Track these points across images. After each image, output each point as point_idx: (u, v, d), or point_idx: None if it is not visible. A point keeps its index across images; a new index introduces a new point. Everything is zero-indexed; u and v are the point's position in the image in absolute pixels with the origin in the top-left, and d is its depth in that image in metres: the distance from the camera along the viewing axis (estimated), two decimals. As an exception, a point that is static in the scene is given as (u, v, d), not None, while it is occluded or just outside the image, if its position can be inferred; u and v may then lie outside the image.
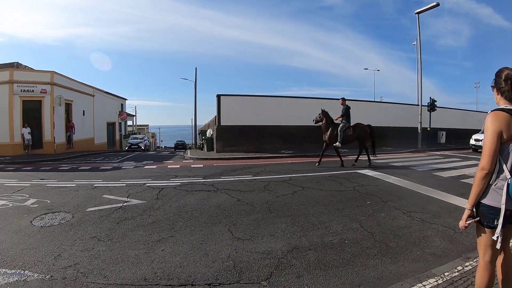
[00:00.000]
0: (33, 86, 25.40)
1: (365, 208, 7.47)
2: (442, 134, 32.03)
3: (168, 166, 16.12)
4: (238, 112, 23.02)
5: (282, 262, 4.58)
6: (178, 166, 16.28)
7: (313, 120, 15.29)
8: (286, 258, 4.72)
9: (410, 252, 5.06)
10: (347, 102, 15.03)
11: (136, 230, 6.08)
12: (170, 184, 10.48)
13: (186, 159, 20.64)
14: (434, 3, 23.13)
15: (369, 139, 15.11)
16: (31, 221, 6.79)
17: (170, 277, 4.17)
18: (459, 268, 4.23)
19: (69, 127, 29.30)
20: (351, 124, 14.89)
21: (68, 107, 29.53)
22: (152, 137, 79.77)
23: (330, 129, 14.82)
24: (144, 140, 42.17)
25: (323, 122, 15.05)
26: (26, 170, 15.59)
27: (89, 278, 4.20)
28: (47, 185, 10.85)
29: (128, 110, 58.50)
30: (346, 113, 14.80)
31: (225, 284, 3.99)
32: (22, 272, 4.45)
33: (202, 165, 16.01)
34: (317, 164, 14.72)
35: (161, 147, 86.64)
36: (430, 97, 28.01)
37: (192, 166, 16.01)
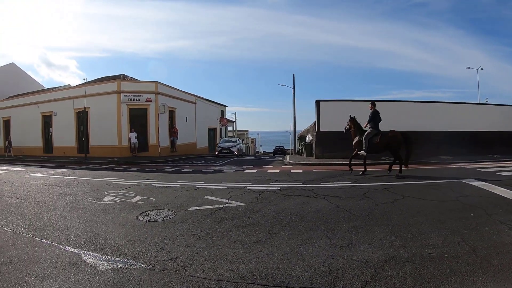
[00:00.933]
0: (139, 95, 27.50)
1: (468, 221, 7.12)
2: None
3: (268, 171, 16.40)
4: (337, 117, 22.59)
5: (378, 272, 4.50)
6: (278, 171, 16.49)
7: (344, 129, 14.93)
8: (383, 268, 4.63)
9: (514, 271, 4.79)
10: (447, 105, 14.39)
11: (235, 230, 6.28)
12: (270, 188, 10.64)
13: (285, 164, 20.77)
14: None
15: (402, 148, 13.83)
16: (136, 216, 7.33)
17: (266, 277, 4.26)
18: None
19: (173, 132, 30.91)
20: (382, 131, 14.08)
21: (171, 113, 31.27)
22: (252, 142, 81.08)
23: (356, 136, 14.39)
24: (238, 144, 34.84)
25: (352, 129, 14.75)
26: (132, 171, 16.62)
27: (188, 271, 4.44)
28: (152, 184, 11.51)
29: (228, 116, 60.03)
30: (371, 119, 14.06)
31: (319, 288, 4.02)
32: (126, 260, 4.87)
33: (301, 171, 16.07)
34: (350, 172, 14.31)
35: (260, 152, 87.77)
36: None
37: (291, 171, 16.13)
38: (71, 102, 29.60)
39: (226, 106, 55.98)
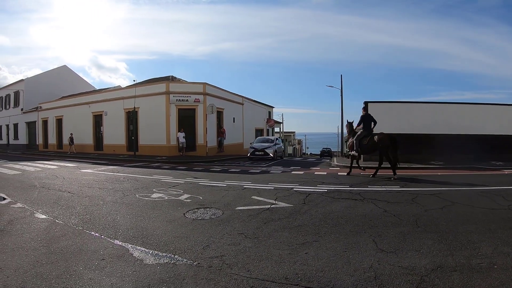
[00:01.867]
0: (187, 96, 28.04)
1: (520, 231, 6.95)
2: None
3: (315, 173, 16.37)
4: (386, 119, 22.32)
5: (425, 280, 4.43)
6: (325, 173, 16.43)
7: (345, 137, 16.33)
8: (429, 276, 4.55)
9: None
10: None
11: (281, 231, 6.32)
12: (317, 190, 10.63)
13: (333, 167, 20.71)
14: None
15: (391, 150, 14.10)
16: (184, 214, 7.51)
17: (311, 279, 4.27)
18: None
19: (220, 132, 31.28)
20: (372, 133, 14.92)
21: (219, 114, 31.68)
22: (298, 143, 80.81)
23: (350, 138, 15.38)
24: (276, 144, 28.60)
25: (347, 133, 15.87)
26: (180, 169, 16.95)
27: (233, 269, 4.51)
28: (200, 183, 11.71)
29: (275, 117, 60.05)
30: (361, 121, 15.04)
31: (364, 294, 4.00)
32: (173, 256, 5.01)
33: (346, 174, 15.97)
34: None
35: (307, 154, 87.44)
36: None
37: (338, 173, 16.01)
38: (121, 102, 30.61)
39: (273, 107, 56.17)
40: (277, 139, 31.57)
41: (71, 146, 32.11)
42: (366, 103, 22.26)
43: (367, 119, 15.16)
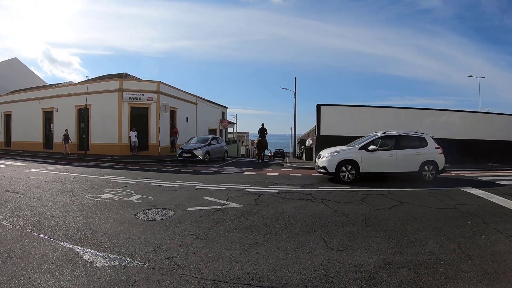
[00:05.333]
0: (140, 94, 27.59)
1: (464, 229, 7.16)
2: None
3: (267, 174, 16.39)
4: (338, 122, 22.88)
5: (374, 276, 4.54)
6: (277, 174, 16.48)
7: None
8: (378, 273, 4.66)
9: (509, 280, 4.78)
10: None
11: (233, 231, 6.33)
12: (268, 190, 10.70)
13: (285, 168, 20.78)
14: None
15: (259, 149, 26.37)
16: (135, 215, 7.41)
17: (262, 279, 4.30)
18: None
19: (173, 132, 30.90)
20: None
21: (172, 114, 31.27)
22: (252, 144, 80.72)
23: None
24: (210, 145, 24.65)
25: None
26: (132, 169, 16.69)
27: (184, 270, 4.49)
28: (151, 184, 11.56)
29: (229, 118, 59.97)
30: (258, 132, 26.26)
31: (315, 292, 4.04)
32: (123, 258, 4.94)
33: (300, 174, 16.10)
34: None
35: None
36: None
37: (290, 174, 16.17)
38: (73, 99, 29.57)
39: (227, 108, 55.99)
40: (214, 138, 27.03)
41: (65, 145, 27.95)
42: (318, 106, 22.65)
43: (261, 130, 25.81)
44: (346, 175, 13.10)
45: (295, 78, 38.86)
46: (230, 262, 4.83)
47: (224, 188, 10.91)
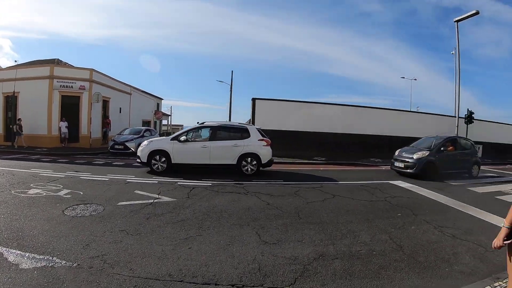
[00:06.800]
0: (72, 82, 26.11)
1: (395, 220, 7.36)
2: (479, 148, 31.41)
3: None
4: (273, 116, 23.07)
5: (308, 269, 4.55)
6: (210, 166, 16.28)
7: None
8: (312, 265, 4.68)
9: (438, 268, 4.97)
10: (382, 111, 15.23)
11: (164, 226, 6.14)
12: (201, 184, 10.52)
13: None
14: (474, 11, 22.56)
15: None
16: (63, 211, 7.02)
17: (195, 275, 4.19)
18: (487, 288, 4.14)
19: (106, 123, 29.83)
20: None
21: (105, 104, 30.12)
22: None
23: None
24: (143, 137, 23.14)
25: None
26: (61, 162, 16.00)
27: (115, 269, 4.28)
28: (81, 177, 11.11)
29: (164, 109, 59.12)
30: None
31: (249, 286, 3.99)
32: (51, 258, 4.62)
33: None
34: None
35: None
36: (468, 109, 27.25)
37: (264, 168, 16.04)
38: (0, 85, 27.97)
39: (162, 99, 55.02)
40: (148, 130, 26.57)
41: (18, 137, 24.42)
42: (254, 99, 22.70)
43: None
44: (158, 165, 12.97)
45: (232, 71, 39.03)
46: (162, 258, 4.68)
47: (157, 182, 10.65)
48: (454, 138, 16.24)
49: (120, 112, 33.88)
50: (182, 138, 13.11)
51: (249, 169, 13.19)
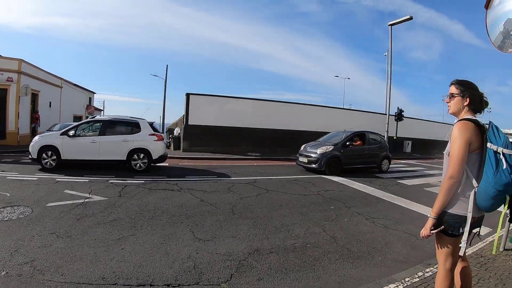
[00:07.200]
0: None
1: (328, 213, 7.55)
2: (408, 143, 32.87)
3: (133, 163, 15.79)
4: (208, 112, 22.99)
5: (243, 264, 4.58)
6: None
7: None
8: (247, 260, 4.72)
9: (371, 257, 5.15)
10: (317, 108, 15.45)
11: (96, 227, 5.95)
12: (134, 181, 10.34)
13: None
14: (407, 17, 23.61)
15: None
16: (-13, 215, 6.60)
17: (129, 276, 4.10)
18: (420, 274, 4.34)
19: (35, 118, 28.43)
20: None
21: (34, 97, 28.58)
22: (120, 133, 78.45)
23: None
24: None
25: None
26: (-14, 162, 15.19)
27: (45, 275, 4.08)
28: (8, 177, 10.56)
29: (97, 104, 57.58)
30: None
31: (184, 285, 3.95)
32: (-25, 267, 4.30)
33: (167, 164, 15.79)
34: None
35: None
36: (398, 107, 28.57)
37: (157, 164, 15.81)
38: None
39: (95, 93, 53.51)
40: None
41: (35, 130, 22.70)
42: (188, 94, 22.53)
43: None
44: (48, 162, 12.38)
45: (167, 65, 38.59)
46: (94, 261, 4.53)
47: (87, 180, 10.29)
48: (362, 132, 16.27)
49: (50, 106, 32.47)
50: (71, 132, 12.55)
51: (139, 165, 12.75)
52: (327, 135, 16.92)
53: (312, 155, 14.34)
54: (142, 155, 12.76)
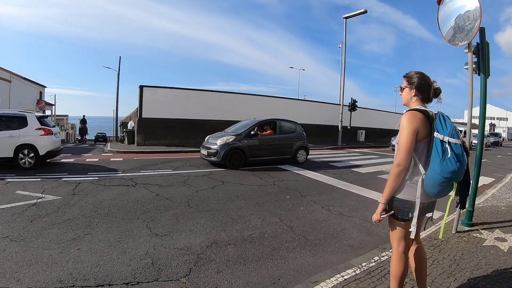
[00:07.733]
0: None
1: (284, 203, 7.62)
2: (362, 132, 33.62)
3: (86, 160, 15.44)
4: (162, 104, 22.77)
5: (202, 257, 4.56)
6: (97, 159, 15.68)
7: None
8: (206, 253, 4.71)
9: (328, 244, 5.23)
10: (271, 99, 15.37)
11: (50, 228, 5.76)
12: (88, 178, 10.10)
13: (106, 152, 20.01)
14: (362, 10, 24.10)
15: None
16: None
17: (87, 277, 3.99)
18: (376, 258, 4.43)
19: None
20: None
21: (-19, 92, 27.54)
22: (72, 128, 76.21)
23: None
24: None
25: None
26: None
27: (1, 282, 3.92)
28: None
29: (48, 98, 55.92)
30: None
31: (143, 282, 3.89)
32: None
33: (121, 159, 15.59)
34: None
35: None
36: (352, 98, 29.18)
37: (111, 159, 15.51)
38: None
39: (46, 87, 51.98)
40: None
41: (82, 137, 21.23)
42: (141, 87, 22.23)
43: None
44: None
45: (120, 57, 37.73)
46: (50, 264, 4.38)
47: (39, 179, 9.97)
48: (272, 120, 14.87)
49: (-3, 102, 31.38)
50: None
51: (27, 162, 11.90)
52: (238, 125, 15.54)
53: (212, 146, 13.21)
54: (28, 152, 11.92)
